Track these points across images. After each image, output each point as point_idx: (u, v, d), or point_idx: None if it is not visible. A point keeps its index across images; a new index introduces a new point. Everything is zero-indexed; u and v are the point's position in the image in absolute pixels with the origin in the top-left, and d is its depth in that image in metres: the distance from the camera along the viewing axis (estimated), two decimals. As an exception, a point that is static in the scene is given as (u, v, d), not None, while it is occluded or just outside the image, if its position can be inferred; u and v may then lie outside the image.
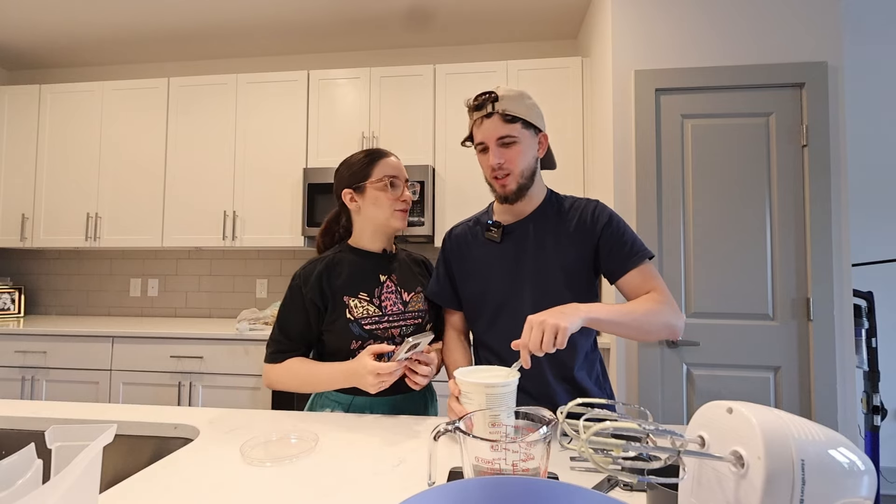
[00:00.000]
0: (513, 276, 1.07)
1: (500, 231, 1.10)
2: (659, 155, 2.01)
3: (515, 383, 0.81)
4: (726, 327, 1.93)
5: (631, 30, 2.06)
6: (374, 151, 1.15)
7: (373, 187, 1.11)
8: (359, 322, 1.08)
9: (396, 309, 1.13)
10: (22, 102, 2.92)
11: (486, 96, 1.01)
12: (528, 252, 1.07)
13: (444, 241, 1.20)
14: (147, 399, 2.38)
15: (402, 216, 1.14)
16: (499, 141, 1.01)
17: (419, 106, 2.62)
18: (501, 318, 1.08)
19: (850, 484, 0.42)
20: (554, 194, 1.14)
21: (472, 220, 1.20)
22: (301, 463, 0.78)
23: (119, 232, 2.80)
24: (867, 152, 2.60)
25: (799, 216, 1.93)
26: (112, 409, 1.06)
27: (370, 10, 2.61)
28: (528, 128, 1.03)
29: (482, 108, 1.02)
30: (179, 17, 2.68)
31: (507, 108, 1.00)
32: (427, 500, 0.42)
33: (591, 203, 1.10)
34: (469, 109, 1.05)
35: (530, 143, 1.04)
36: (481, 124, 1.02)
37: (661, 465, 0.46)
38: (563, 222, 1.08)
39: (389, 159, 1.14)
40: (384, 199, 1.11)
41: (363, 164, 1.13)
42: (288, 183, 2.68)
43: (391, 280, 1.15)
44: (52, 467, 0.58)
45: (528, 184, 1.06)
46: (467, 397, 0.81)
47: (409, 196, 1.14)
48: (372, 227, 1.15)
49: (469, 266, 1.13)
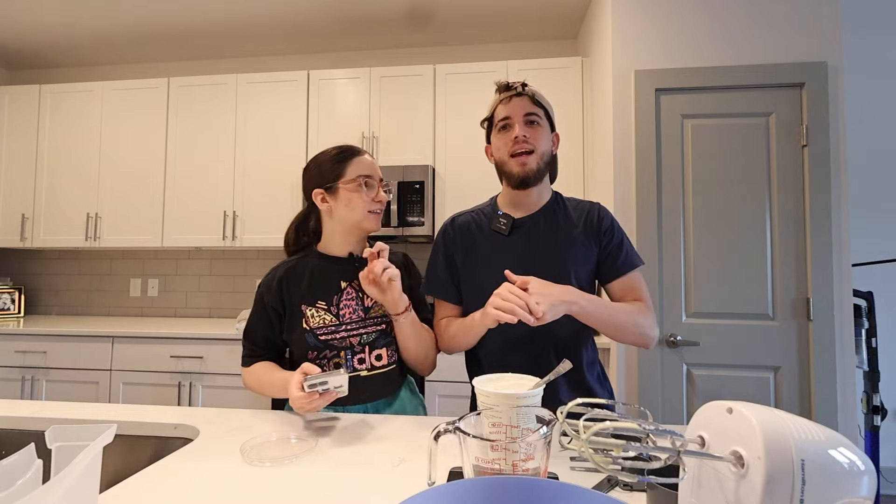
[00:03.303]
0: (521, 270, 1.06)
1: (510, 223, 1.09)
2: (659, 155, 2.01)
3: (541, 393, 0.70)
4: (726, 327, 1.93)
5: (631, 30, 2.06)
6: (346, 149, 1.09)
7: (345, 188, 1.05)
8: (314, 332, 1.04)
9: (356, 316, 1.07)
10: (22, 102, 2.92)
11: (516, 83, 1.07)
12: (537, 247, 1.07)
13: (445, 230, 1.15)
14: (147, 399, 2.38)
15: (376, 218, 1.08)
16: (526, 117, 1.04)
17: (419, 106, 2.62)
18: None
19: (850, 484, 0.42)
20: (558, 195, 1.15)
21: (475, 210, 1.17)
22: (301, 463, 0.78)
23: (119, 232, 2.80)
24: (867, 152, 2.60)
25: (799, 216, 1.93)
26: (112, 409, 1.06)
27: (370, 10, 2.61)
28: (548, 119, 1.08)
29: (512, 87, 1.06)
30: (179, 17, 2.68)
31: (535, 92, 1.06)
32: (427, 500, 0.42)
33: (594, 205, 1.12)
34: (498, 90, 1.09)
35: (548, 135, 1.08)
36: (509, 101, 1.06)
37: (661, 465, 0.46)
38: (570, 221, 1.09)
39: (363, 157, 1.08)
40: (357, 200, 1.05)
41: (335, 163, 1.07)
42: (288, 183, 2.69)
43: (352, 286, 1.08)
44: (52, 467, 0.58)
45: (545, 171, 1.08)
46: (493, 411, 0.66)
47: (383, 197, 1.09)
48: (343, 229, 1.09)
49: (474, 257, 1.10)
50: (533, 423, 0.64)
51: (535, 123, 1.04)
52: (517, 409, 0.64)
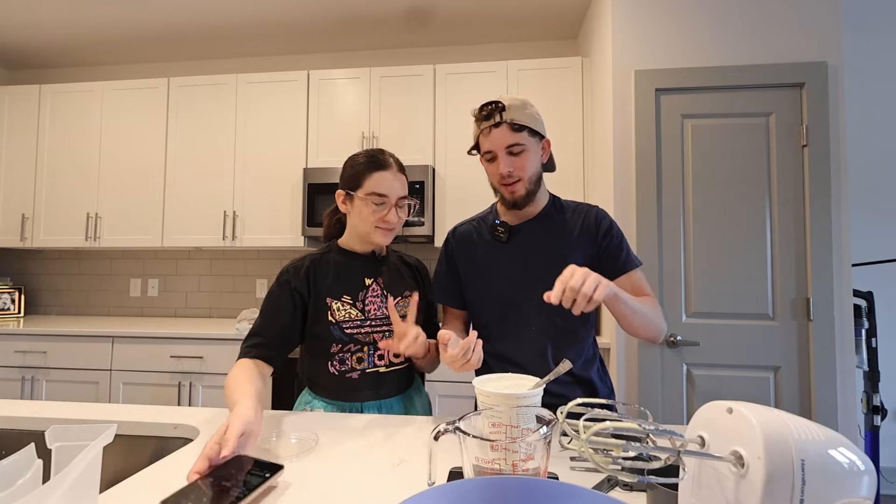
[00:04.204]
0: (520, 277, 1.08)
1: (508, 231, 1.10)
2: (659, 155, 2.01)
3: (541, 393, 0.73)
4: (726, 327, 1.93)
5: (631, 30, 2.06)
6: (374, 159, 1.08)
7: (360, 199, 1.07)
8: (340, 325, 1.06)
9: (381, 313, 1.10)
10: (22, 102, 2.92)
11: (492, 106, 1.02)
12: (535, 253, 1.09)
13: (448, 240, 1.20)
14: (147, 399, 2.38)
15: (384, 233, 1.08)
16: (507, 149, 1.02)
17: (419, 106, 2.62)
18: (508, 318, 1.09)
19: (850, 484, 0.42)
20: (555, 198, 1.15)
21: (476, 219, 1.20)
22: (301, 463, 0.78)
23: (119, 232, 2.80)
24: (867, 152, 2.60)
25: (799, 216, 1.93)
26: (112, 409, 1.06)
27: (370, 10, 2.61)
28: (533, 135, 1.04)
29: (490, 117, 1.02)
30: (179, 17, 2.68)
31: (514, 117, 1.01)
32: (427, 500, 0.42)
33: (592, 208, 1.13)
34: (476, 119, 1.06)
35: (536, 150, 1.06)
36: (489, 133, 1.03)
37: (661, 465, 0.46)
38: (567, 225, 1.10)
39: (383, 174, 1.06)
40: (367, 215, 1.06)
41: (359, 171, 1.07)
42: (288, 183, 2.68)
43: (377, 283, 1.12)
44: (52, 467, 0.58)
45: (536, 189, 1.08)
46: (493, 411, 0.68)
47: (392, 220, 1.07)
48: (357, 233, 1.12)
49: (475, 265, 1.13)
50: (533, 423, 0.65)
51: (518, 153, 1.02)
52: (517, 409, 0.65)
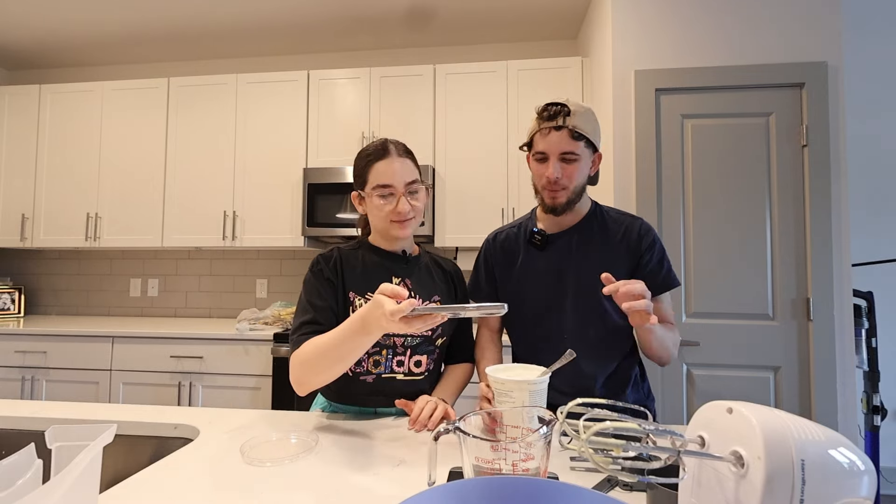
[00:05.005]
0: (555, 285, 1.09)
1: (544, 240, 1.10)
2: (659, 155, 2.01)
3: (547, 380, 0.82)
4: (726, 327, 1.93)
5: (631, 30, 2.06)
6: (372, 151, 1.04)
7: (369, 196, 1.03)
8: None
9: None
10: (22, 102, 2.92)
11: (558, 108, 1.00)
12: (571, 262, 1.09)
13: (487, 246, 1.20)
14: (147, 399, 2.38)
15: (400, 226, 1.03)
16: (562, 155, 1.01)
17: (419, 106, 2.62)
18: (542, 324, 1.09)
19: (850, 484, 0.42)
20: (598, 206, 1.14)
21: (515, 225, 1.19)
22: (301, 463, 0.78)
23: (119, 232, 2.80)
24: (867, 152, 2.60)
25: (799, 216, 1.93)
26: (112, 409, 1.06)
27: (370, 10, 2.61)
28: (589, 146, 1.03)
29: (553, 119, 1.00)
30: (179, 17, 2.68)
31: (577, 124, 0.99)
32: (427, 500, 0.42)
33: (636, 220, 1.11)
34: (538, 116, 1.03)
35: (587, 162, 1.05)
36: (548, 134, 1.01)
37: (661, 465, 0.46)
38: (607, 235, 1.09)
39: (385, 163, 1.01)
40: (379, 209, 1.02)
41: (362, 167, 1.04)
42: (288, 183, 2.68)
43: (405, 284, 1.08)
44: (52, 467, 0.58)
45: (577, 199, 1.07)
46: (507, 395, 0.79)
47: (404, 209, 1.01)
48: (378, 231, 1.09)
49: (513, 271, 1.14)
50: (544, 403, 0.78)
51: (571, 161, 1.01)
52: (530, 392, 0.78)
